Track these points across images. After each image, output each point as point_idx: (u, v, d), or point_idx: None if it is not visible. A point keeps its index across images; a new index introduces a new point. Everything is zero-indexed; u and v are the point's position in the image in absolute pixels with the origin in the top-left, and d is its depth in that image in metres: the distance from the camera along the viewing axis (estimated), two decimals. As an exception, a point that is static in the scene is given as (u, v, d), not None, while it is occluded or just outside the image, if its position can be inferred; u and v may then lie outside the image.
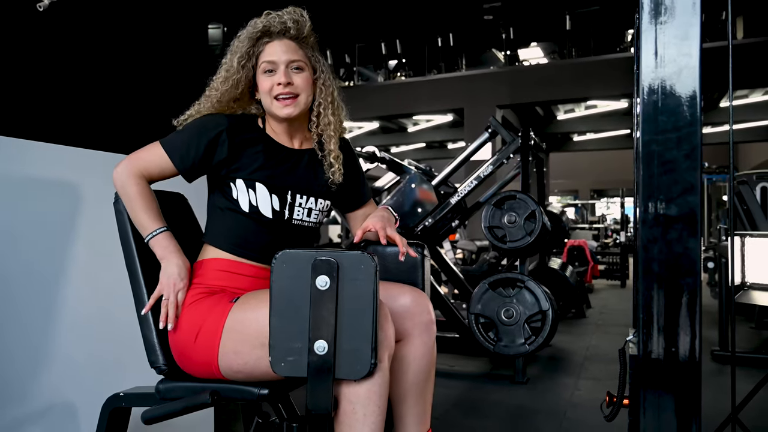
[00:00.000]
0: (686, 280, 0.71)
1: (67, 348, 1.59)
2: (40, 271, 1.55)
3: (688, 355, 0.72)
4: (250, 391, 1.14)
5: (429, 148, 13.86)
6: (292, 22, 1.29)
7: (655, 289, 0.74)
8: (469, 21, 9.00)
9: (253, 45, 1.29)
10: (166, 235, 1.24)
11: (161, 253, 1.23)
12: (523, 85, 8.40)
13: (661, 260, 0.72)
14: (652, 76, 0.78)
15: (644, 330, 0.76)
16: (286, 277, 1.01)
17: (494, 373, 3.25)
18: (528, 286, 2.76)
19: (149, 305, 1.23)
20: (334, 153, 1.35)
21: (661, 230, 0.74)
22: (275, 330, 1.01)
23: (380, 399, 1.03)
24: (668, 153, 0.74)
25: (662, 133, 0.75)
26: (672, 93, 0.77)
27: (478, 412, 2.59)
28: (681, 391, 0.72)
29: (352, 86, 10.21)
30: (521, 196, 2.88)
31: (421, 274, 1.35)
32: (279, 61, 1.27)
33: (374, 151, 3.65)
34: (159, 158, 1.26)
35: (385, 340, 1.05)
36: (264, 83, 1.28)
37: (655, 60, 0.78)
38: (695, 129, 0.74)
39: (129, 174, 1.24)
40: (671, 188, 0.74)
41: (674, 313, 0.72)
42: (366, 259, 0.99)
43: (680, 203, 0.73)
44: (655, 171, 0.76)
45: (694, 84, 0.76)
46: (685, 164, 0.73)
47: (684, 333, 0.72)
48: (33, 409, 1.51)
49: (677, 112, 0.74)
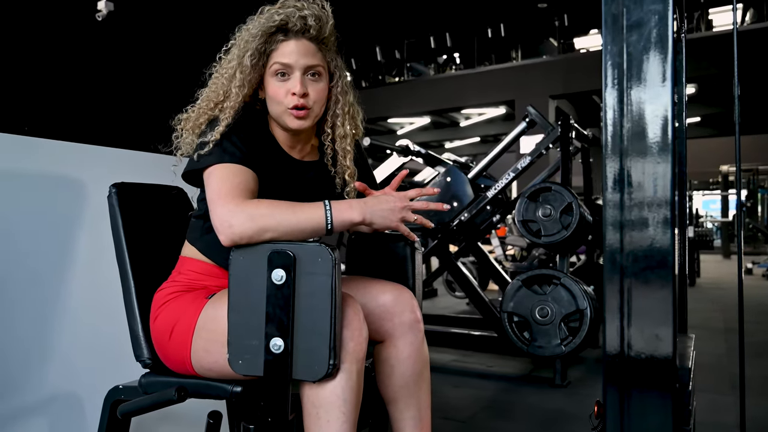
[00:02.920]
0: (658, 272, 0.59)
1: (72, 340, 1.62)
2: (43, 263, 1.58)
3: (663, 355, 0.60)
4: (224, 388, 1.10)
5: (484, 142, 13.57)
6: (313, 19, 1.12)
7: (622, 283, 0.62)
8: (522, 10, 8.71)
9: (266, 41, 1.12)
10: (335, 203, 1.03)
11: (349, 213, 1.02)
12: (577, 73, 8.02)
13: (629, 250, 0.61)
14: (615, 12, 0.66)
15: (613, 327, 0.65)
16: (243, 271, 0.95)
17: (534, 375, 3.09)
18: (564, 283, 2.58)
19: None
20: (350, 170, 1.22)
21: (628, 216, 0.62)
22: (233, 326, 0.96)
23: (345, 404, 0.96)
24: (637, 123, 0.62)
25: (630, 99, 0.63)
26: (639, 48, 0.65)
27: (510, 415, 2.45)
28: (657, 393, 0.60)
29: (402, 82, 10.14)
30: (557, 188, 2.68)
31: (411, 269, 1.27)
32: (295, 65, 1.11)
33: (408, 145, 3.55)
34: (235, 173, 1.06)
35: (351, 341, 0.97)
36: (276, 89, 1.12)
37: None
38: (667, 89, 0.61)
39: (238, 209, 0.99)
40: (640, 168, 0.62)
41: (644, 308, 0.61)
42: (324, 252, 0.91)
43: (649, 182, 0.61)
44: (622, 145, 0.65)
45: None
46: (655, 136, 0.60)
47: (654, 329, 0.60)
48: (37, 399, 1.54)
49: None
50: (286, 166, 1.18)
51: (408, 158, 3.64)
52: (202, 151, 1.08)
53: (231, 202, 1.00)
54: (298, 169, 1.20)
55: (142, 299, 1.27)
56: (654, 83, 0.60)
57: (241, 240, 0.97)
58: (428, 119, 11.92)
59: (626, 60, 0.63)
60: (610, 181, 0.65)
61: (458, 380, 2.95)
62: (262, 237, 0.97)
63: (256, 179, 1.08)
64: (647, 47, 0.62)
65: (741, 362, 1.10)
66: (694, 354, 1.29)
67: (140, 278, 1.29)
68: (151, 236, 1.35)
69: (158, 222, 1.39)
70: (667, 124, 0.60)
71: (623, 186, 0.62)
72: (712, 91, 9.95)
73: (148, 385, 1.19)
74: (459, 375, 3.06)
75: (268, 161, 1.14)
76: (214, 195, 1.03)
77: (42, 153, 1.60)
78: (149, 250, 1.33)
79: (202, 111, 1.17)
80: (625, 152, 0.62)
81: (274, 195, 1.10)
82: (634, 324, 0.61)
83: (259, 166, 1.10)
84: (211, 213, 1.02)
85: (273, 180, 1.14)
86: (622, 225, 0.62)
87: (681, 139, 1.30)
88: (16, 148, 1.54)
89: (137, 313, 1.26)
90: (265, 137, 1.17)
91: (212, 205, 1.02)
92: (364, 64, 10.50)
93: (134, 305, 1.27)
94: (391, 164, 3.75)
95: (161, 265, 1.29)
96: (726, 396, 2.63)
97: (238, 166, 1.06)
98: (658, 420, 0.59)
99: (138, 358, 1.25)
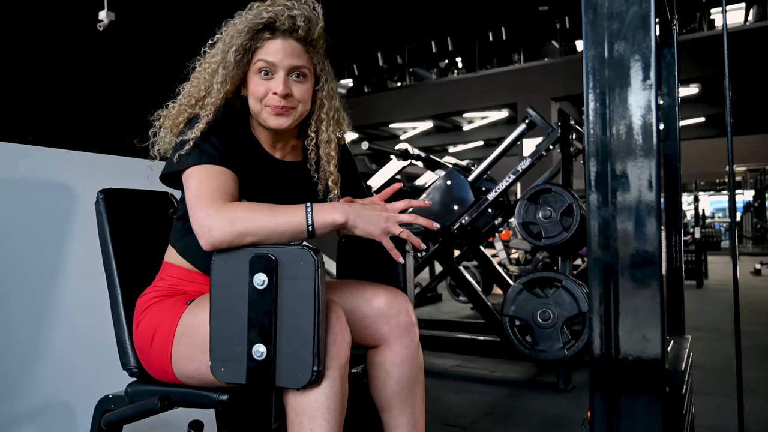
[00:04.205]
0: (644, 270, 0.57)
1: (64, 348, 1.60)
2: (34, 271, 1.57)
3: (652, 355, 0.58)
4: (209, 397, 1.07)
5: (487, 146, 13.54)
6: (302, 20, 1.09)
7: (607, 280, 0.59)
8: (523, 13, 8.71)
9: (252, 38, 1.09)
10: (317, 205, 1.00)
11: (331, 214, 0.98)
12: (578, 75, 7.99)
13: (615, 247, 0.58)
14: (601, 20, 0.64)
15: (597, 328, 0.62)
16: (225, 275, 0.93)
17: (537, 379, 3.05)
18: (566, 285, 2.55)
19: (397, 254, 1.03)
20: (334, 177, 1.19)
21: (613, 211, 0.60)
22: (215, 332, 0.94)
23: (329, 412, 0.93)
24: (619, 119, 0.59)
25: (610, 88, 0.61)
26: (620, 43, 0.62)
27: (511, 421, 2.41)
28: (645, 394, 0.57)
29: (404, 86, 10.14)
30: (557, 189, 2.67)
31: (403, 273, 1.24)
32: (280, 65, 1.08)
33: (407, 148, 3.53)
34: (214, 175, 1.02)
35: (334, 346, 0.94)
36: (257, 87, 1.09)
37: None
38: (650, 85, 0.58)
39: (218, 213, 0.96)
40: (625, 158, 0.59)
41: (631, 307, 0.58)
42: (306, 255, 0.89)
43: (633, 179, 0.58)
44: (606, 136, 0.62)
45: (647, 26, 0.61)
46: (639, 133, 0.58)
47: (642, 330, 0.58)
48: (29, 407, 1.53)
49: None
50: (268, 166, 1.16)
51: (408, 162, 3.62)
52: (181, 151, 1.05)
53: (210, 206, 0.97)
54: (279, 169, 1.18)
55: (128, 307, 1.25)
56: (636, 80, 0.58)
57: (221, 244, 0.95)
58: (431, 124, 11.91)
59: (607, 55, 0.61)
60: (592, 181, 0.62)
61: (460, 386, 2.91)
62: (242, 241, 0.94)
63: (236, 180, 1.05)
64: (627, 41, 0.60)
65: (738, 363, 1.07)
66: (691, 356, 1.25)
67: (127, 286, 1.27)
68: (138, 243, 1.33)
69: (146, 228, 1.37)
70: (650, 122, 0.58)
71: (606, 185, 0.60)
72: (716, 91, 9.87)
73: (134, 394, 1.17)
74: (461, 380, 3.02)
75: (248, 161, 1.11)
76: (192, 198, 1.00)
77: (32, 160, 1.59)
78: (136, 257, 1.31)
79: (183, 108, 1.13)
80: (608, 151, 0.60)
81: (255, 195, 1.08)
82: (621, 325, 0.58)
83: (239, 166, 1.07)
84: (191, 217, 1.00)
85: (254, 180, 1.11)
86: (606, 224, 0.60)
87: (673, 139, 1.28)
88: (5, 156, 1.53)
89: (123, 321, 1.25)
90: (245, 136, 1.14)
91: (191, 209, 1.00)
92: (367, 70, 10.51)
93: (121, 313, 1.25)
94: (391, 168, 3.72)
95: (148, 272, 1.27)
96: (732, 399, 2.58)
97: (217, 167, 1.03)
98: (647, 424, 0.56)
99: (124, 366, 1.23)
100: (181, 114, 1.13)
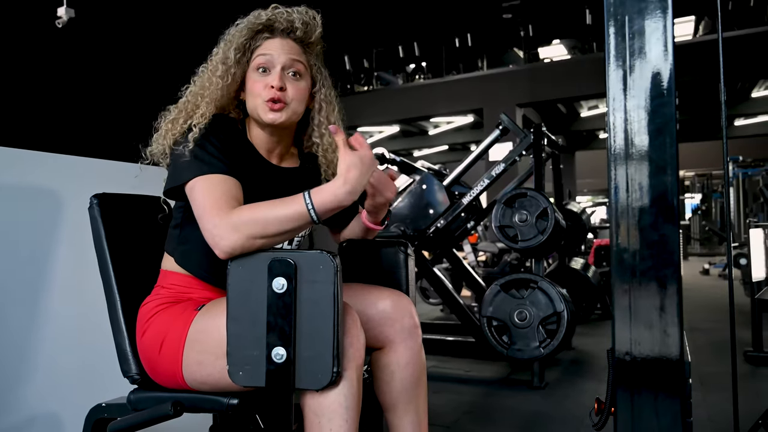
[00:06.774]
0: (664, 272, 0.62)
1: (52, 357, 1.56)
2: (23, 278, 1.52)
3: (671, 353, 0.63)
4: (219, 402, 1.08)
5: (452, 150, 13.73)
6: (300, 23, 1.14)
7: (631, 282, 0.64)
8: (487, 20, 8.87)
9: (252, 38, 1.13)
10: (314, 189, 1.00)
11: (330, 188, 0.98)
12: (542, 82, 8.22)
13: (636, 249, 0.63)
14: (621, 46, 0.69)
15: (621, 327, 0.67)
16: (242, 281, 0.94)
17: (512, 378, 3.13)
18: (541, 286, 2.63)
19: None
20: None
21: (634, 215, 0.65)
22: (232, 337, 0.94)
23: (347, 412, 0.95)
24: (640, 128, 0.65)
25: (635, 107, 0.66)
26: (642, 60, 0.67)
27: (492, 419, 2.48)
28: (666, 392, 0.62)
29: (371, 90, 10.18)
30: (532, 194, 2.76)
31: (405, 275, 1.27)
32: (276, 59, 1.12)
33: (383, 153, 3.57)
34: (216, 184, 1.03)
35: (351, 348, 0.97)
36: (254, 83, 1.12)
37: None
38: (670, 99, 0.64)
39: (222, 222, 0.97)
40: (644, 168, 0.65)
41: (652, 307, 0.63)
42: (326, 259, 0.91)
43: (654, 184, 0.63)
44: (626, 149, 0.67)
45: (667, 52, 0.67)
46: (657, 141, 0.63)
47: (664, 329, 0.63)
48: (18, 418, 1.48)
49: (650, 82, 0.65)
50: (265, 172, 1.17)
51: (384, 166, 3.66)
52: (180, 164, 1.07)
53: (216, 216, 0.99)
54: (276, 174, 1.19)
55: (128, 313, 1.23)
56: (657, 89, 0.63)
57: (234, 251, 0.96)
58: (397, 128, 11.99)
59: (629, 68, 0.66)
60: (617, 186, 0.67)
61: (438, 386, 2.96)
62: (253, 245, 0.96)
63: (238, 185, 1.07)
64: (647, 57, 0.65)
65: (734, 363, 1.14)
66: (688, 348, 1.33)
67: (126, 292, 1.26)
68: (134, 249, 1.31)
69: (141, 234, 1.35)
70: (672, 130, 0.63)
71: (628, 190, 0.65)
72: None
73: (138, 402, 1.16)
74: (439, 381, 3.07)
75: (246, 167, 1.13)
76: (200, 210, 1.02)
77: (21, 164, 1.54)
78: (134, 263, 1.29)
79: (183, 108, 1.14)
80: (630, 157, 0.65)
81: (253, 201, 1.08)
82: (643, 325, 0.63)
83: (237, 173, 1.08)
84: (202, 230, 1.01)
85: (252, 186, 1.12)
86: (628, 227, 0.64)
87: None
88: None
89: (123, 327, 1.23)
90: (242, 143, 1.16)
91: (200, 222, 1.02)
92: (333, 73, 10.48)
93: (120, 320, 1.23)
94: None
95: (146, 277, 1.26)
96: (698, 392, 2.72)
97: (218, 175, 1.04)
98: (669, 419, 0.61)
99: (126, 373, 1.22)
100: (179, 118, 1.14)
